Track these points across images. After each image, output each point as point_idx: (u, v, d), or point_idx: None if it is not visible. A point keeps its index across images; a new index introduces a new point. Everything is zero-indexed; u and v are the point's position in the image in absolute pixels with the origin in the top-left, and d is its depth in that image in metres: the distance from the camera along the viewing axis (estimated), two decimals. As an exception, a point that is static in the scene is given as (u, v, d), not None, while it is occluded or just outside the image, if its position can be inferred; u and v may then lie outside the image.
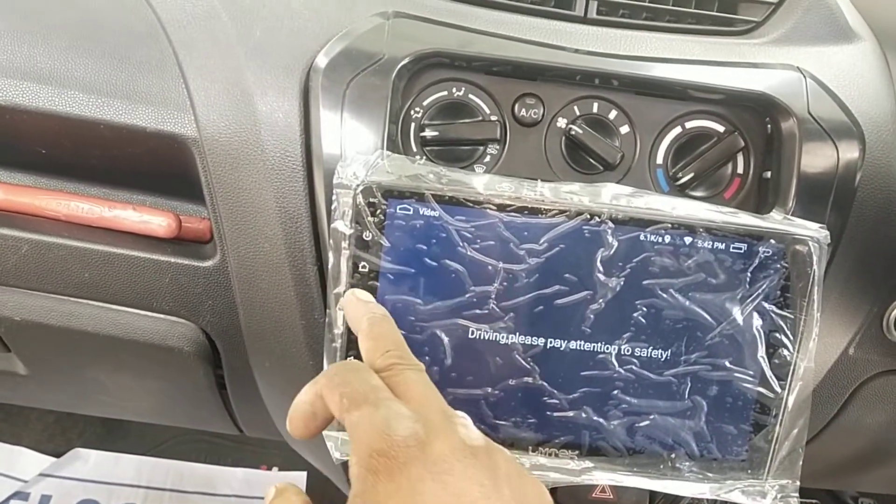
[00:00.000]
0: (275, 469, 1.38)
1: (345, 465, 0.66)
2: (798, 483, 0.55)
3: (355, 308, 0.49)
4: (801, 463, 0.55)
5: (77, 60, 0.56)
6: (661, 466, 0.55)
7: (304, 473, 1.36)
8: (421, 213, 0.51)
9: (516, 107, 0.57)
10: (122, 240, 0.60)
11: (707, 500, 0.66)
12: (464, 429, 0.40)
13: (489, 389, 0.54)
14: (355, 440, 0.38)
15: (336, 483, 0.77)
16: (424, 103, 0.57)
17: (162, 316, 0.63)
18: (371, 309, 0.48)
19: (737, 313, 0.53)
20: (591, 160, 0.57)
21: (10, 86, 0.56)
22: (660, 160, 0.58)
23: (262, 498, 1.30)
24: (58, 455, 1.33)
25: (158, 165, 0.60)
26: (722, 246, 0.53)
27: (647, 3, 0.61)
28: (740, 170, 0.59)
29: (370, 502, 0.36)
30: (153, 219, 0.61)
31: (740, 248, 0.53)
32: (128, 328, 0.64)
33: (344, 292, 0.51)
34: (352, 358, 0.52)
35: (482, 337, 0.53)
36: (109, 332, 0.64)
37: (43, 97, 0.56)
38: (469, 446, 0.38)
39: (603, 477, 0.54)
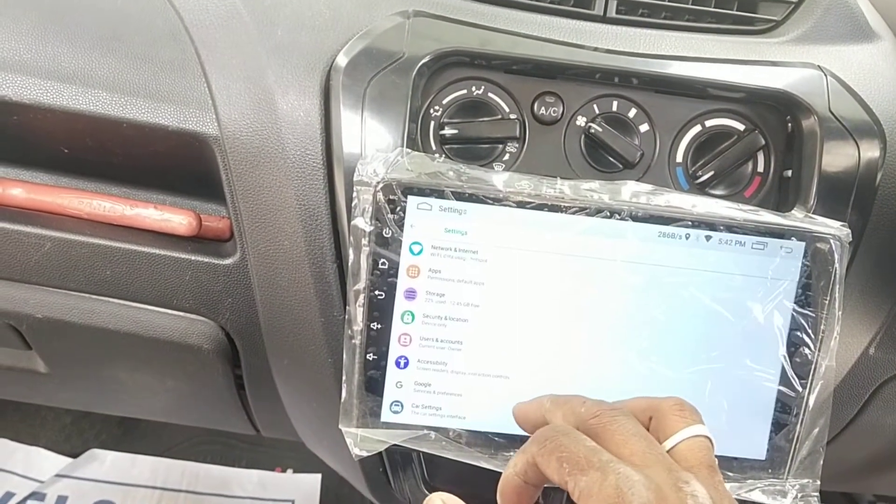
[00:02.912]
0: (289, 471, 1.38)
1: (362, 462, 0.67)
2: (818, 483, 0.55)
3: (524, 407, 0.48)
4: (821, 462, 0.55)
5: (101, 60, 0.57)
6: (681, 465, 0.55)
7: (319, 476, 1.36)
8: (441, 210, 0.51)
9: (536, 105, 0.57)
10: (143, 238, 0.61)
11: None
12: (693, 498, 0.38)
13: (508, 386, 0.54)
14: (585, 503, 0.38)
15: (353, 483, 0.77)
16: (444, 102, 0.57)
17: (182, 314, 0.64)
18: (540, 401, 0.47)
19: (757, 311, 0.53)
20: (611, 158, 0.57)
21: (35, 85, 0.56)
22: (679, 158, 0.58)
23: (276, 500, 1.30)
24: (74, 456, 1.34)
25: (180, 164, 0.60)
26: (742, 244, 0.52)
27: (666, 3, 0.61)
28: (760, 168, 0.58)
29: None
30: (174, 217, 0.61)
31: (761, 246, 0.52)
32: (148, 326, 0.64)
33: (364, 289, 0.51)
34: (371, 356, 0.52)
35: (501, 333, 0.53)
36: (130, 329, 0.64)
37: (67, 96, 0.56)
38: None
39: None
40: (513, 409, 0.49)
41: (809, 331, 0.53)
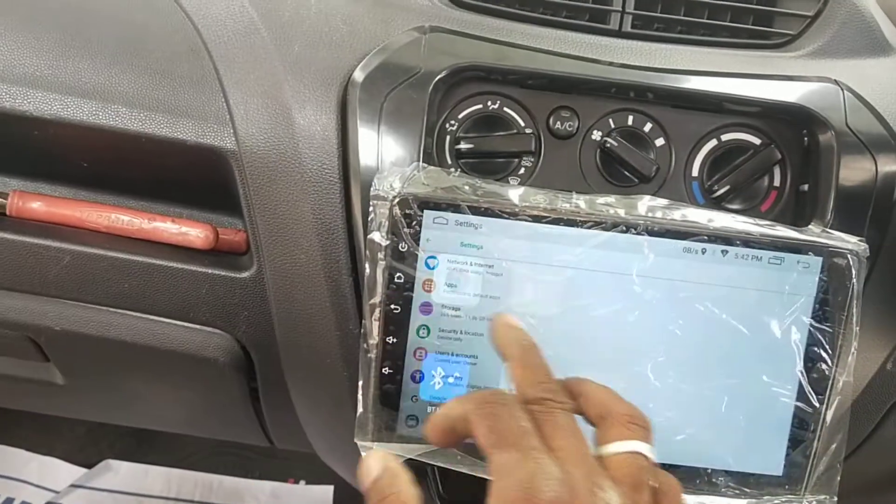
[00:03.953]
0: (302, 483, 1.38)
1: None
2: (836, 499, 0.55)
3: (505, 333, 0.48)
4: (839, 479, 0.55)
5: (120, 75, 0.57)
6: (698, 481, 0.55)
7: (331, 487, 1.36)
8: (456, 224, 0.51)
9: (551, 119, 0.57)
10: (161, 251, 0.61)
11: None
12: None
13: (524, 401, 0.54)
14: (497, 484, 0.38)
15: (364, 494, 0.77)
16: (460, 116, 0.57)
17: (199, 327, 0.64)
18: (522, 336, 0.47)
19: (774, 326, 0.53)
20: (627, 173, 0.57)
21: (56, 100, 0.57)
22: (695, 173, 0.58)
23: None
24: (89, 466, 1.35)
25: (197, 178, 0.61)
26: (759, 258, 0.52)
27: (682, 17, 0.61)
28: (777, 182, 0.58)
29: None
30: (191, 230, 0.62)
31: (778, 261, 0.52)
32: (165, 339, 0.65)
33: (380, 303, 0.52)
34: (387, 369, 0.53)
35: (518, 348, 0.53)
36: (147, 342, 0.65)
37: (87, 111, 0.57)
38: None
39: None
40: (493, 321, 0.48)
41: (827, 346, 0.53)
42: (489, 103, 0.57)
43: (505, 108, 0.57)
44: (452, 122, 0.57)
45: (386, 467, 0.42)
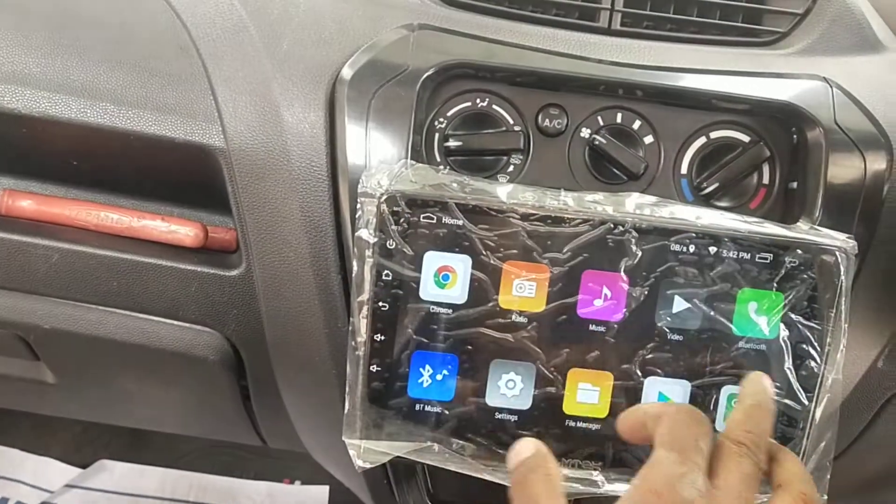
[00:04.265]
0: (297, 483, 1.38)
1: (366, 474, 0.67)
2: (826, 498, 0.54)
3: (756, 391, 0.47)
4: (828, 477, 0.54)
5: (109, 73, 0.57)
6: (686, 479, 0.55)
7: (327, 488, 1.36)
8: (444, 221, 0.51)
9: (540, 117, 0.57)
10: (150, 249, 0.61)
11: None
12: None
13: (511, 399, 0.53)
14: (645, 470, 0.40)
15: (358, 495, 0.77)
16: (448, 114, 0.57)
17: (188, 325, 0.64)
18: (763, 397, 0.46)
19: (762, 324, 0.53)
20: (615, 170, 0.57)
21: (44, 97, 0.57)
22: (684, 170, 0.58)
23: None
24: (84, 466, 1.35)
25: (186, 176, 0.61)
26: (747, 256, 0.52)
27: (671, 15, 0.61)
28: (766, 180, 0.58)
29: None
30: (181, 229, 0.62)
31: (766, 258, 0.52)
32: (154, 337, 0.64)
33: (368, 301, 0.51)
34: (375, 367, 0.53)
35: (505, 346, 0.53)
36: (136, 340, 0.65)
37: (75, 108, 0.57)
38: None
39: (626, 489, 0.54)
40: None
41: (815, 344, 0.53)
42: (478, 101, 0.57)
43: (494, 106, 0.57)
44: (441, 119, 0.57)
45: (538, 450, 0.45)
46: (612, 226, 0.51)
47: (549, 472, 0.44)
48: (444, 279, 0.52)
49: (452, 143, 0.57)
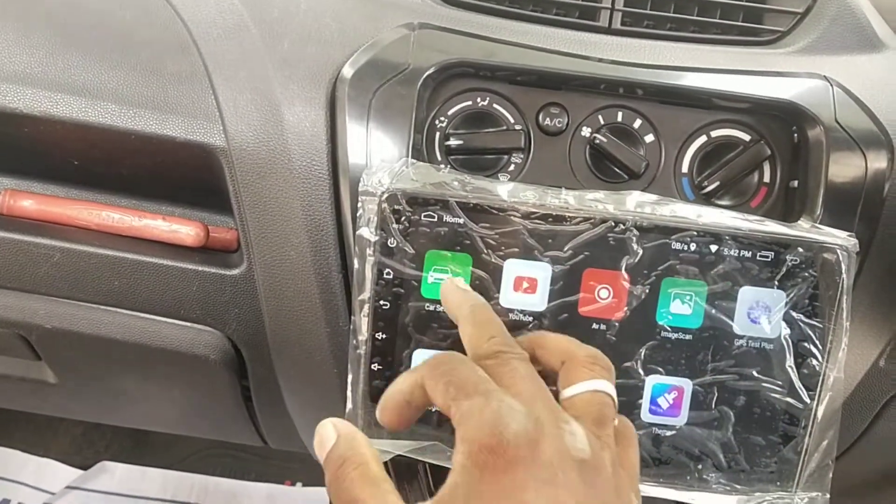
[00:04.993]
0: (298, 484, 1.38)
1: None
2: (828, 496, 0.54)
3: (454, 294, 0.49)
4: (830, 476, 0.54)
5: (110, 72, 0.58)
6: (688, 478, 0.55)
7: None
8: (445, 220, 0.51)
9: (540, 116, 0.57)
10: (151, 249, 0.61)
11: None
12: (571, 436, 0.38)
13: (513, 398, 0.53)
14: (463, 431, 0.38)
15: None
16: (449, 113, 0.57)
17: (189, 324, 0.64)
18: (471, 297, 0.48)
19: (764, 322, 0.53)
20: (616, 169, 0.57)
21: (46, 97, 0.57)
22: (685, 169, 0.58)
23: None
24: (85, 468, 1.35)
25: (187, 175, 0.61)
26: (748, 254, 0.52)
27: (672, 14, 0.61)
28: (767, 178, 0.58)
29: (472, 496, 0.36)
30: (182, 228, 0.62)
31: (767, 257, 0.52)
32: (156, 336, 0.64)
33: (369, 299, 0.51)
34: (376, 366, 0.53)
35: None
36: (138, 340, 0.65)
37: (76, 108, 0.57)
38: (574, 457, 0.37)
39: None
40: (442, 286, 0.49)
41: (817, 342, 0.53)
42: (478, 100, 0.57)
43: (494, 105, 0.57)
44: (442, 118, 0.57)
45: (341, 433, 0.41)
46: (613, 224, 0.51)
47: (362, 460, 0.39)
48: (446, 277, 0.52)
49: (453, 142, 0.57)
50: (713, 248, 0.52)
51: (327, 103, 0.56)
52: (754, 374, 0.53)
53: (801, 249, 0.52)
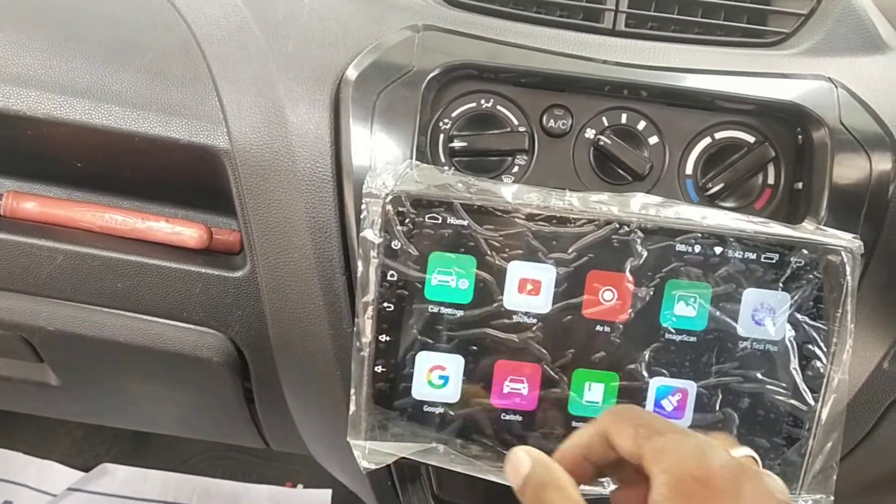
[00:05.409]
0: (300, 486, 1.38)
1: (370, 476, 0.66)
2: (832, 498, 0.54)
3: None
4: (834, 478, 0.54)
5: (113, 75, 0.58)
6: (692, 480, 0.54)
7: (329, 491, 1.36)
8: (449, 222, 0.51)
9: (545, 118, 0.57)
10: (154, 251, 0.61)
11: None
12: (770, 479, 0.39)
13: (517, 400, 0.53)
14: (663, 464, 0.38)
15: (361, 496, 0.77)
16: (453, 115, 0.57)
17: (192, 326, 0.64)
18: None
19: (768, 324, 0.53)
20: (620, 171, 0.57)
21: (49, 99, 0.57)
22: (689, 171, 0.58)
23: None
24: (86, 470, 1.35)
25: (191, 177, 0.61)
26: (753, 256, 0.52)
27: (676, 16, 0.61)
28: (771, 180, 0.58)
29: None
30: (185, 230, 0.62)
31: (772, 259, 0.52)
32: (158, 338, 0.64)
33: (372, 301, 0.51)
34: (380, 368, 0.52)
35: (511, 347, 0.52)
36: (140, 342, 0.65)
37: (80, 110, 0.57)
38: (778, 499, 0.38)
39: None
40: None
41: (821, 344, 0.53)
42: (482, 102, 0.57)
43: (498, 107, 0.57)
44: (446, 120, 0.57)
45: (535, 459, 0.42)
46: (617, 226, 0.51)
47: (561, 484, 0.41)
48: (450, 279, 0.52)
49: (457, 144, 0.57)
50: (717, 249, 0.52)
51: (331, 105, 0.55)
52: (758, 376, 0.53)
53: (805, 251, 0.52)
